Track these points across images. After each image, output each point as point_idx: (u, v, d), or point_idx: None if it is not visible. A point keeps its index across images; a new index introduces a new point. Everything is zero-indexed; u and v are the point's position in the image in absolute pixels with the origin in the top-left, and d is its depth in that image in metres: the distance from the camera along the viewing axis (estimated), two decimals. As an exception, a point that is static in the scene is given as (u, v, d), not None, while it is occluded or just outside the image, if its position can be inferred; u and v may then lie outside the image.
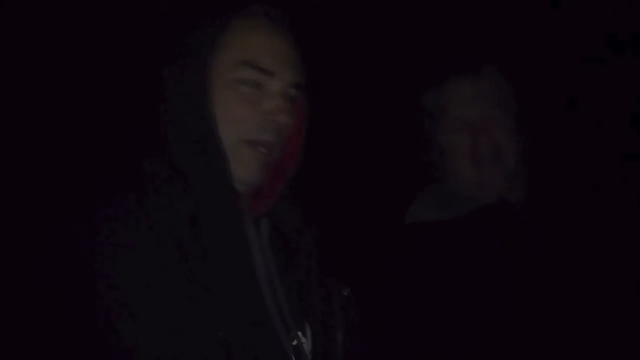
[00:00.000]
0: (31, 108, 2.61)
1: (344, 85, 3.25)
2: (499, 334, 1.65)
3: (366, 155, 3.21)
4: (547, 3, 2.95)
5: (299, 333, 1.35)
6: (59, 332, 1.23)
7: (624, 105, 2.86)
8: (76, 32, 2.63)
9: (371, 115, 3.21)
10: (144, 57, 1.36)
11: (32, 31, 2.61)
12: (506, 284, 1.71)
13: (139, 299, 1.17)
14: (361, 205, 3.17)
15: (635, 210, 2.04)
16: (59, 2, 2.61)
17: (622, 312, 1.72)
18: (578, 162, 2.27)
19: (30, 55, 2.61)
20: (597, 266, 1.78)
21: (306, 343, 1.36)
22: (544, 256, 1.77)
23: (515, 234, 1.80)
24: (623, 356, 1.69)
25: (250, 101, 1.28)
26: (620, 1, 2.81)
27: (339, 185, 3.26)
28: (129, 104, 1.37)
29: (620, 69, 2.86)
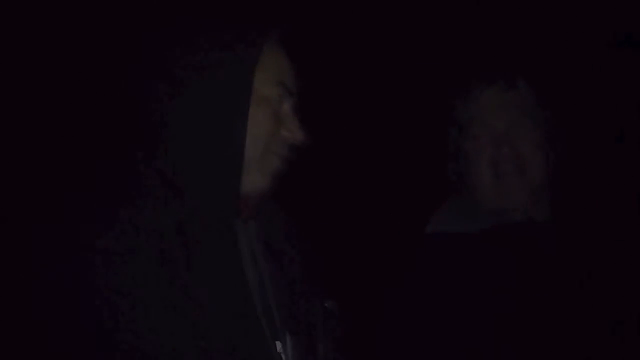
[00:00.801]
0: (30, 109, 2.65)
1: (374, 94, 3.25)
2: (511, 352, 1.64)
3: (386, 160, 3.24)
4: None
5: (279, 343, 1.35)
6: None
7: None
8: (87, 36, 2.69)
9: (398, 123, 3.22)
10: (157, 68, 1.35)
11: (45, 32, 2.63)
12: (521, 306, 1.67)
13: (121, 305, 1.17)
14: (377, 212, 3.16)
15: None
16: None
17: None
18: (614, 181, 2.15)
19: (38, 54, 2.65)
20: (624, 294, 1.70)
21: (288, 353, 1.36)
22: (566, 279, 1.71)
23: (537, 255, 1.75)
24: None
25: (275, 117, 1.35)
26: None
27: (346, 192, 3.28)
28: (127, 111, 1.38)
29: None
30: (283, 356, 1.34)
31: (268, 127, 1.34)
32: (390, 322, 1.76)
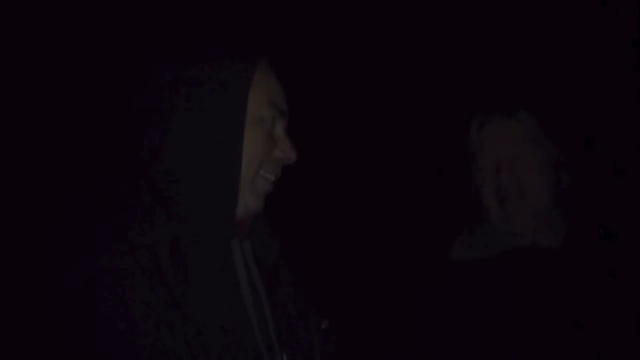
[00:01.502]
0: (25, 122, 2.68)
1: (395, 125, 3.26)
2: None
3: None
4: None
5: None
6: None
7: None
8: (84, 53, 2.71)
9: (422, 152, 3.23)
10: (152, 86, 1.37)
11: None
12: (525, 332, 1.71)
13: (117, 324, 1.18)
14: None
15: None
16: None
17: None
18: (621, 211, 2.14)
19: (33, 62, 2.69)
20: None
21: None
22: (572, 306, 1.73)
23: (542, 281, 1.77)
24: None
25: (269, 138, 1.37)
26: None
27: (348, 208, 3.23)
28: (123, 130, 1.39)
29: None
30: None
31: (262, 148, 1.35)
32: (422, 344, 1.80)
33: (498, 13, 3.17)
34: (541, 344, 1.69)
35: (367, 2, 3.26)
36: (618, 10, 2.94)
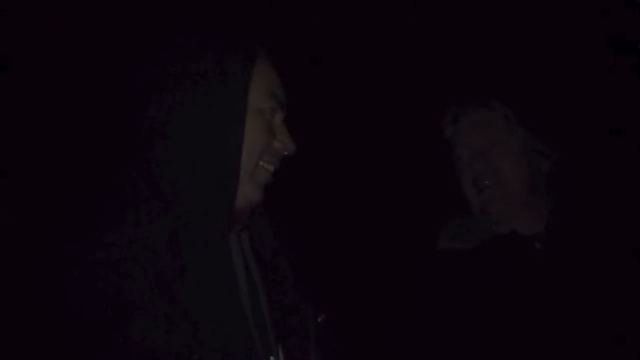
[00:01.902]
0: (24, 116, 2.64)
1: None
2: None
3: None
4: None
5: (272, 358, 1.36)
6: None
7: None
8: (85, 45, 2.70)
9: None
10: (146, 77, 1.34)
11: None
12: (508, 322, 1.72)
13: (115, 317, 1.17)
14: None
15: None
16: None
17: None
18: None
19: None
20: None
21: None
22: (553, 293, 1.73)
23: (522, 268, 1.78)
24: None
25: (269, 129, 1.36)
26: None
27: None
28: (121, 122, 1.36)
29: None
30: None
31: (262, 139, 1.34)
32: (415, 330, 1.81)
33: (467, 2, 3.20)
34: (528, 338, 1.70)
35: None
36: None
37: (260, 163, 1.35)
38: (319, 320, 1.41)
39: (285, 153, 1.38)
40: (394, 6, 3.29)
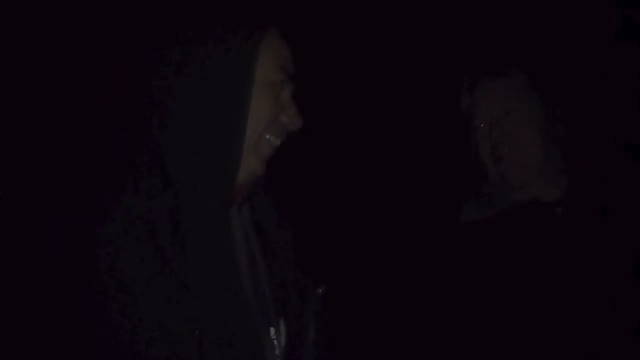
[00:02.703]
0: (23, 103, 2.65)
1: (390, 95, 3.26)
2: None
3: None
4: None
5: (272, 329, 1.37)
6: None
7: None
8: (87, 26, 2.70)
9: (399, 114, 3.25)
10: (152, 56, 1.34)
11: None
12: (527, 291, 1.72)
13: (115, 294, 1.19)
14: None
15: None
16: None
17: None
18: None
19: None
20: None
21: (280, 339, 1.37)
22: (575, 261, 1.74)
23: (543, 236, 1.78)
24: None
25: (276, 102, 1.35)
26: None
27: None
28: (121, 98, 1.36)
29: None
30: (275, 342, 1.36)
31: (269, 112, 1.33)
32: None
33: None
34: (544, 303, 1.71)
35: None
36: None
37: (267, 136, 1.34)
38: (319, 291, 1.41)
39: (292, 128, 1.37)
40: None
